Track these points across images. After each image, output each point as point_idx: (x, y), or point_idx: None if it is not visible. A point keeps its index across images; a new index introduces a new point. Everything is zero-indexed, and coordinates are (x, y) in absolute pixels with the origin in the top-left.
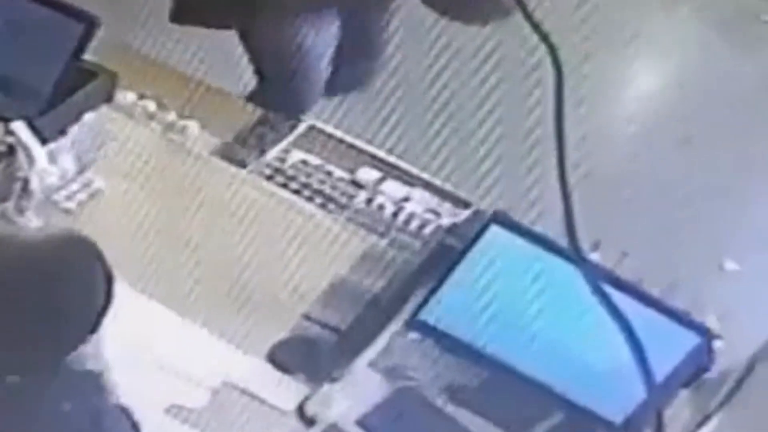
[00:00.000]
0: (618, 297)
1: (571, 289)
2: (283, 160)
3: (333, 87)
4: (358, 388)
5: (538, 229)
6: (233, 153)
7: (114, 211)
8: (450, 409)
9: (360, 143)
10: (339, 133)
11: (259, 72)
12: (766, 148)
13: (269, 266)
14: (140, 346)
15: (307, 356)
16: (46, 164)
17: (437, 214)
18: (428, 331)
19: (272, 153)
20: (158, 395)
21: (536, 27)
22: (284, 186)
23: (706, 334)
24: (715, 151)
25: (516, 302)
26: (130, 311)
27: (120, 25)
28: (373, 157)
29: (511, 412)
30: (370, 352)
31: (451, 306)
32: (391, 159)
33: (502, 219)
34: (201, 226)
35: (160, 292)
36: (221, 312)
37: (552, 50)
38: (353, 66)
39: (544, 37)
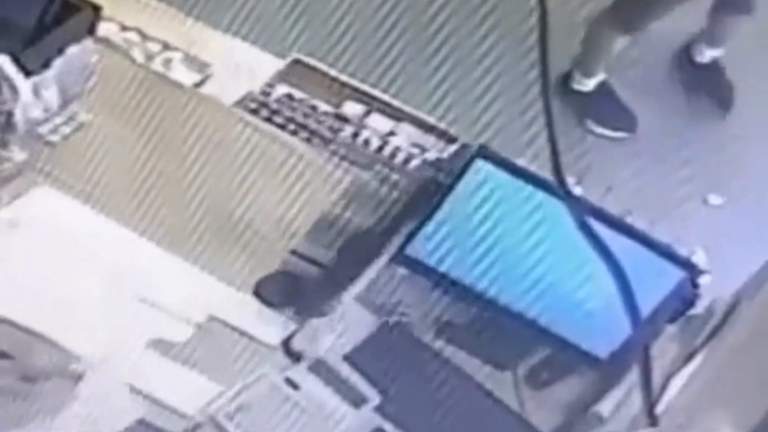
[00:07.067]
0: (603, 231)
1: (557, 223)
2: (268, 94)
3: None
4: (346, 324)
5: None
6: None
7: (98, 144)
8: (438, 344)
9: (345, 77)
10: (324, 67)
11: None
12: (749, 86)
13: (255, 200)
14: (123, 279)
15: (294, 291)
16: (31, 97)
17: (423, 148)
18: (416, 266)
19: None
20: (140, 329)
21: None
22: (269, 120)
23: (692, 270)
24: None
25: (502, 237)
26: (113, 244)
27: None
28: (359, 91)
29: (499, 347)
30: (357, 288)
31: (437, 241)
32: (377, 93)
33: (487, 153)
34: (185, 159)
35: (144, 226)
36: (207, 247)
37: None
38: None
39: None
